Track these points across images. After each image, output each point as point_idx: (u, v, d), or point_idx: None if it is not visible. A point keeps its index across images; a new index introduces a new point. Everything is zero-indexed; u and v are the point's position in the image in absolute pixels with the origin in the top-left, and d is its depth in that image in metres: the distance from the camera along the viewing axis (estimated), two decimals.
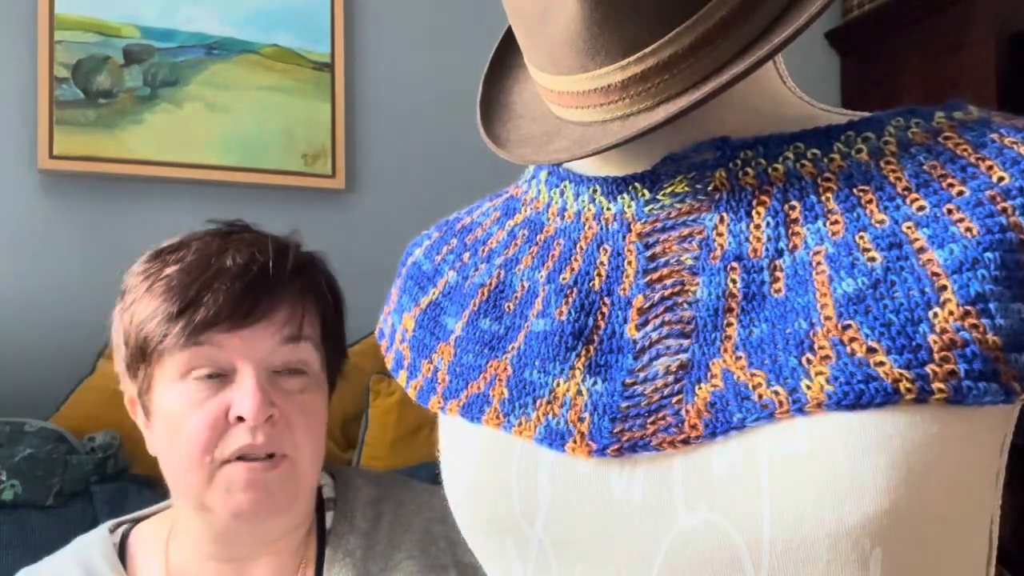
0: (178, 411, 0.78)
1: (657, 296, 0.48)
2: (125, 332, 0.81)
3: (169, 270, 0.79)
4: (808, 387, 0.41)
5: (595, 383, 0.48)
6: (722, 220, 0.48)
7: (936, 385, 0.40)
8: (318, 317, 0.84)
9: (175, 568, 0.84)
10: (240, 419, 0.76)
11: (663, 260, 0.49)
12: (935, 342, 0.40)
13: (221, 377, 0.78)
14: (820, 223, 0.46)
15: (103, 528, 0.88)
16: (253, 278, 0.78)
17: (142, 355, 0.79)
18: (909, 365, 0.40)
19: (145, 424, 0.84)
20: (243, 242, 0.82)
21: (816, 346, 0.42)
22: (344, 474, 0.93)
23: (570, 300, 0.51)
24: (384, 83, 1.96)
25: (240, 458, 0.77)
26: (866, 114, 0.49)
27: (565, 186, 0.55)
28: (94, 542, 0.86)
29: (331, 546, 0.85)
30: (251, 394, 0.76)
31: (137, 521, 0.90)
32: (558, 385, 0.49)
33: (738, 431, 0.43)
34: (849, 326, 0.42)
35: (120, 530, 0.88)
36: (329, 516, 0.88)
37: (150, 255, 0.83)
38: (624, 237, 0.51)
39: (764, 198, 0.47)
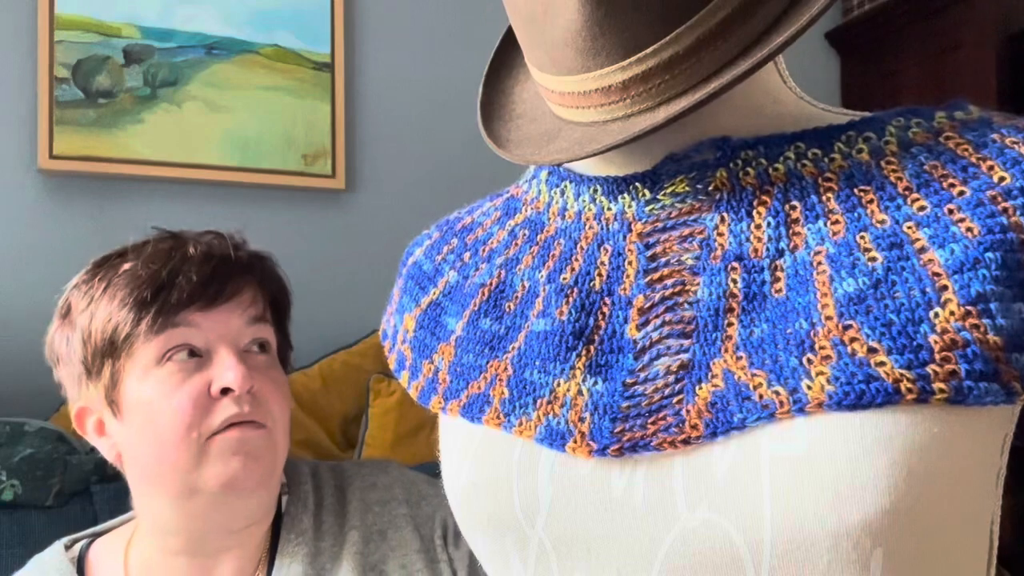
0: (155, 397, 0.79)
1: (658, 296, 0.48)
2: (83, 335, 0.82)
3: (126, 266, 0.82)
4: (809, 387, 0.41)
5: (595, 383, 0.48)
6: (723, 220, 0.48)
7: (937, 385, 0.40)
8: (271, 306, 0.89)
9: (138, 572, 0.85)
10: (223, 392, 0.79)
11: (664, 260, 0.49)
12: (936, 342, 0.40)
13: (198, 358, 0.81)
14: (821, 223, 0.46)
15: (58, 544, 0.88)
16: (218, 263, 0.84)
17: (112, 349, 0.81)
18: (910, 365, 0.40)
19: (97, 431, 0.85)
20: (199, 235, 0.87)
21: (817, 346, 0.42)
22: (290, 462, 0.96)
23: (570, 300, 0.51)
24: (384, 83, 1.96)
25: (230, 426, 0.80)
26: (866, 114, 0.49)
27: (566, 186, 0.55)
28: (50, 560, 0.86)
29: (285, 528, 0.88)
30: (234, 366, 0.80)
31: (95, 536, 0.91)
32: (558, 385, 0.49)
33: (739, 431, 0.43)
34: (850, 326, 0.42)
35: (77, 546, 0.89)
36: (284, 501, 0.90)
37: (92, 267, 0.86)
38: (625, 237, 0.51)
39: (765, 198, 0.47)
